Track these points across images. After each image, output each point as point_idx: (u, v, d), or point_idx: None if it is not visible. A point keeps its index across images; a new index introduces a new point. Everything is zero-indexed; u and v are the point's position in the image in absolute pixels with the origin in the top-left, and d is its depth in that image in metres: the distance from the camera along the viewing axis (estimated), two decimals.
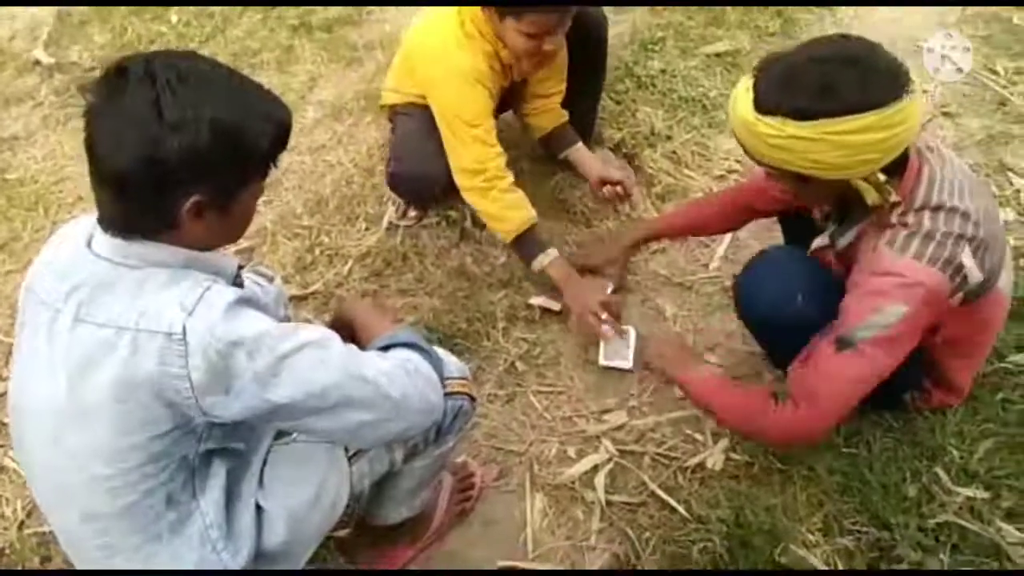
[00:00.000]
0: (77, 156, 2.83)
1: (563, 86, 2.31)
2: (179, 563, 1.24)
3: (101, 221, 1.16)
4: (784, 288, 1.64)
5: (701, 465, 1.88)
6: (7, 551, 1.82)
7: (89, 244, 1.17)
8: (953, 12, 2.98)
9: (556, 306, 2.20)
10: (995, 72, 2.75)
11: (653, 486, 1.85)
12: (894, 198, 1.44)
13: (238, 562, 1.27)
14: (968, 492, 1.75)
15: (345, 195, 2.57)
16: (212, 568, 1.25)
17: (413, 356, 1.31)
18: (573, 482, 1.88)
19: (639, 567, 1.74)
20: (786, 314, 1.63)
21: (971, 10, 2.97)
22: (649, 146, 2.60)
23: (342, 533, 1.77)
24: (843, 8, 3.10)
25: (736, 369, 2.06)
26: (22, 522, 1.88)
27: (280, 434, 1.37)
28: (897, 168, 1.43)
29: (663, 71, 2.83)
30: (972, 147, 2.55)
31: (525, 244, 2.11)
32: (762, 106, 1.37)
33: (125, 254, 1.15)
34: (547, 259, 2.10)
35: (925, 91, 2.73)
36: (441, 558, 1.79)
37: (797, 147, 1.37)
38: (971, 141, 2.56)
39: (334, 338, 1.21)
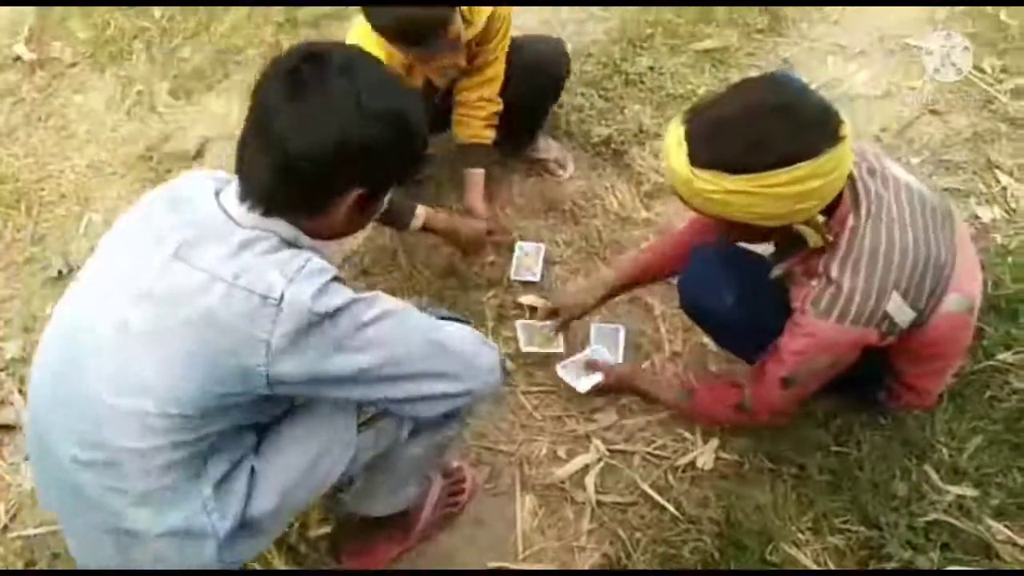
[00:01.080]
0: (60, 153, 2.79)
1: (493, 106, 2.23)
2: (165, 517, 1.21)
3: (245, 194, 1.17)
4: (715, 288, 1.71)
5: (691, 464, 1.88)
6: None
7: (217, 195, 1.19)
8: (941, 9, 2.98)
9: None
10: (982, 70, 2.75)
11: (644, 486, 1.85)
12: (831, 238, 1.45)
13: (224, 526, 1.25)
14: (957, 490, 1.76)
15: None
16: (200, 527, 1.23)
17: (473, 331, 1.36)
18: (563, 482, 1.87)
19: (630, 567, 1.73)
20: (718, 313, 1.72)
21: (958, 8, 2.97)
22: (637, 144, 2.59)
23: (324, 530, 1.77)
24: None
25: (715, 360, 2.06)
26: (5, 526, 1.86)
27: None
28: (831, 205, 1.43)
29: (651, 68, 2.82)
30: (959, 144, 2.55)
31: (396, 216, 2.11)
32: (696, 160, 1.36)
33: (244, 216, 1.17)
34: (420, 220, 2.12)
35: (913, 88, 2.73)
36: (431, 559, 1.78)
37: (735, 200, 1.36)
38: (958, 139, 2.56)
39: (412, 308, 1.25)
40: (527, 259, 2.29)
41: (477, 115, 2.24)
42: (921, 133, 2.59)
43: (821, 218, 1.41)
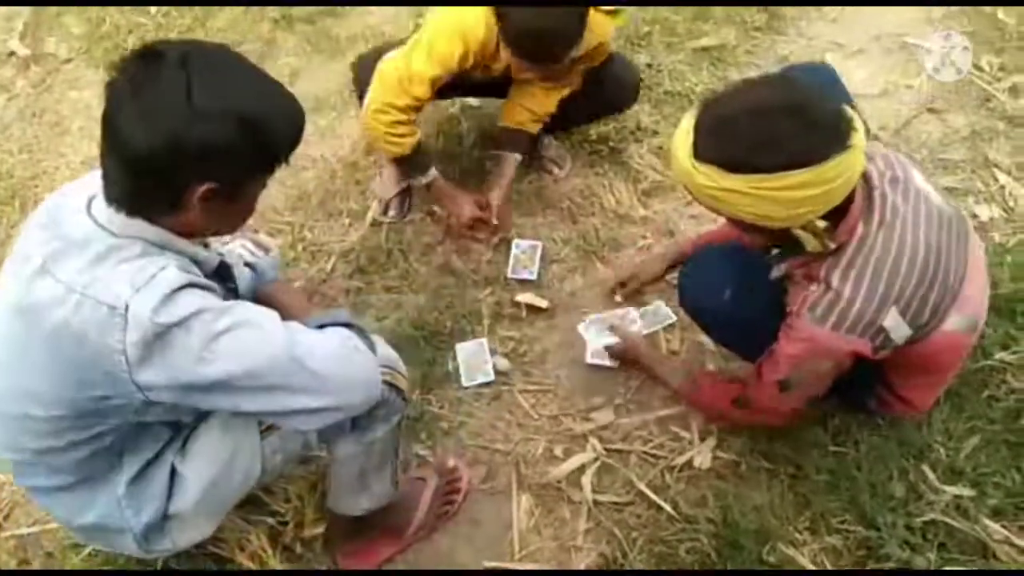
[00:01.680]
0: (54, 150, 2.77)
1: (549, 108, 2.27)
2: (82, 510, 1.35)
3: (107, 196, 1.18)
4: (713, 283, 1.70)
5: (688, 464, 1.87)
6: None
7: (89, 208, 1.20)
8: (938, 8, 2.97)
9: (543, 303, 2.19)
10: (980, 68, 2.74)
11: (640, 485, 1.84)
12: (832, 245, 1.43)
13: (140, 521, 1.35)
14: (954, 490, 1.75)
15: (328, 190, 2.53)
16: (115, 523, 1.35)
17: (353, 335, 1.31)
18: (560, 481, 1.86)
19: (626, 567, 1.73)
20: (714, 308, 1.72)
21: (956, 7, 2.97)
22: (635, 141, 2.58)
23: (319, 530, 1.76)
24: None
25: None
26: None
27: None
28: (840, 212, 1.40)
29: (649, 65, 2.81)
30: (957, 143, 2.54)
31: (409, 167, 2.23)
32: (699, 154, 1.35)
33: (110, 220, 1.18)
34: (428, 179, 2.22)
35: (911, 87, 2.73)
36: (427, 558, 1.78)
37: (730, 199, 1.35)
38: (956, 137, 2.56)
39: (272, 317, 1.21)
40: (524, 257, 2.29)
41: (534, 111, 2.27)
42: (919, 132, 2.59)
43: (822, 223, 1.39)
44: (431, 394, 2.03)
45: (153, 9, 3.22)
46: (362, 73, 2.16)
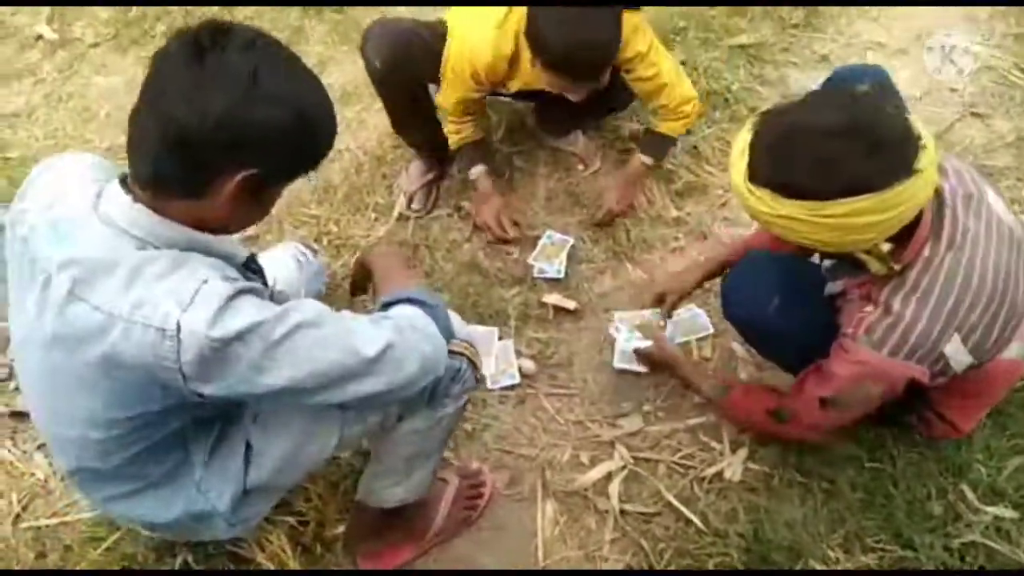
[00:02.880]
0: (79, 135, 2.75)
1: (690, 106, 2.16)
2: (167, 507, 1.35)
3: (136, 176, 1.14)
4: (759, 292, 1.62)
5: (719, 475, 1.82)
6: (1, 545, 1.77)
7: (96, 207, 1.14)
8: (984, 8, 2.88)
9: (571, 305, 2.14)
10: None
11: (669, 496, 1.79)
12: (897, 268, 1.36)
13: (224, 502, 1.35)
14: (995, 511, 1.70)
15: (354, 184, 2.49)
16: (200, 510, 1.36)
17: (414, 312, 1.29)
18: (586, 489, 1.82)
19: None
20: (760, 319, 1.63)
21: (1003, 7, 2.88)
22: None
23: (340, 530, 1.73)
24: None
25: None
26: (18, 515, 1.83)
27: None
28: (907, 232, 1.33)
29: (684, 62, 2.72)
30: (1001, 149, 2.47)
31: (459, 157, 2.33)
32: (754, 176, 1.28)
33: (133, 221, 1.12)
34: (472, 175, 2.29)
35: (954, 90, 2.64)
36: (448, 564, 1.75)
37: (788, 224, 1.28)
38: (1001, 143, 2.48)
39: (326, 314, 1.18)
40: (552, 248, 2.24)
41: (678, 117, 2.17)
42: (962, 136, 2.51)
43: (887, 246, 1.31)
44: None
45: None
46: (368, 41, 2.12)
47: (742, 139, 1.32)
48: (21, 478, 1.89)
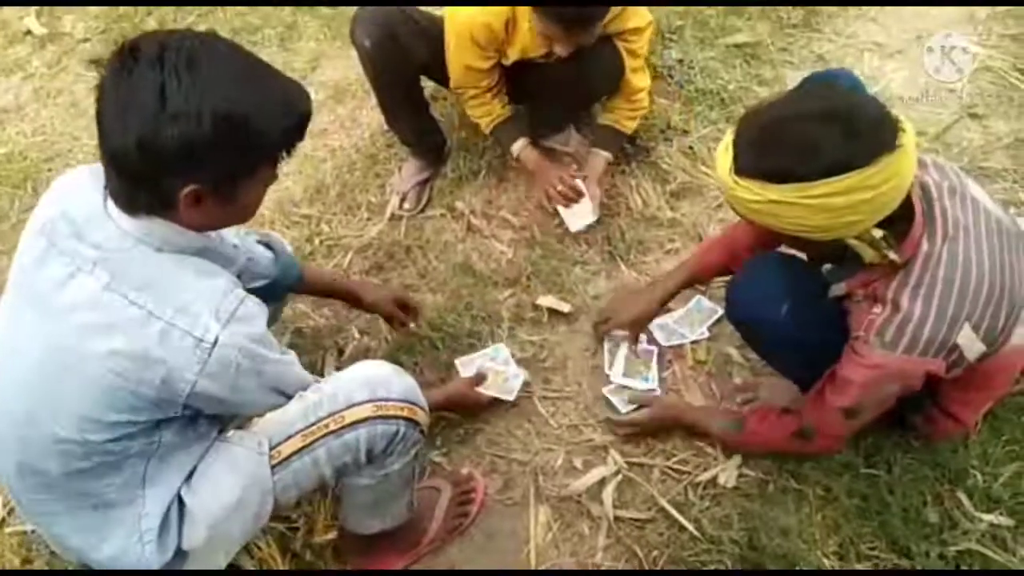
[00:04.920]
0: (68, 132, 2.72)
1: (643, 103, 2.28)
2: (101, 543, 1.28)
3: (109, 192, 1.17)
4: (768, 297, 1.59)
5: (713, 481, 1.81)
6: None
7: (105, 206, 1.18)
8: (982, 9, 2.86)
9: (565, 307, 2.12)
10: None
11: (662, 502, 1.78)
12: (894, 256, 1.35)
13: (161, 559, 1.29)
14: (991, 519, 1.69)
15: (347, 182, 2.46)
16: (132, 557, 1.28)
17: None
18: (579, 495, 1.80)
19: None
20: (770, 325, 1.60)
21: (1001, 7, 2.86)
22: (664, 140, 2.49)
23: (330, 536, 1.70)
24: None
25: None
26: (3, 520, 1.80)
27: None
28: (900, 222, 1.34)
29: (680, 61, 2.71)
30: (999, 151, 2.45)
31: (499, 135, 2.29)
32: (740, 168, 1.30)
33: (145, 231, 1.16)
34: (514, 152, 2.27)
35: (951, 90, 2.62)
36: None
37: (777, 211, 1.29)
38: (998, 144, 2.46)
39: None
40: (638, 362, 1.99)
41: (626, 106, 2.25)
42: (960, 138, 2.49)
43: (878, 232, 1.31)
44: None
45: None
46: (358, 24, 2.10)
47: (725, 138, 1.35)
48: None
